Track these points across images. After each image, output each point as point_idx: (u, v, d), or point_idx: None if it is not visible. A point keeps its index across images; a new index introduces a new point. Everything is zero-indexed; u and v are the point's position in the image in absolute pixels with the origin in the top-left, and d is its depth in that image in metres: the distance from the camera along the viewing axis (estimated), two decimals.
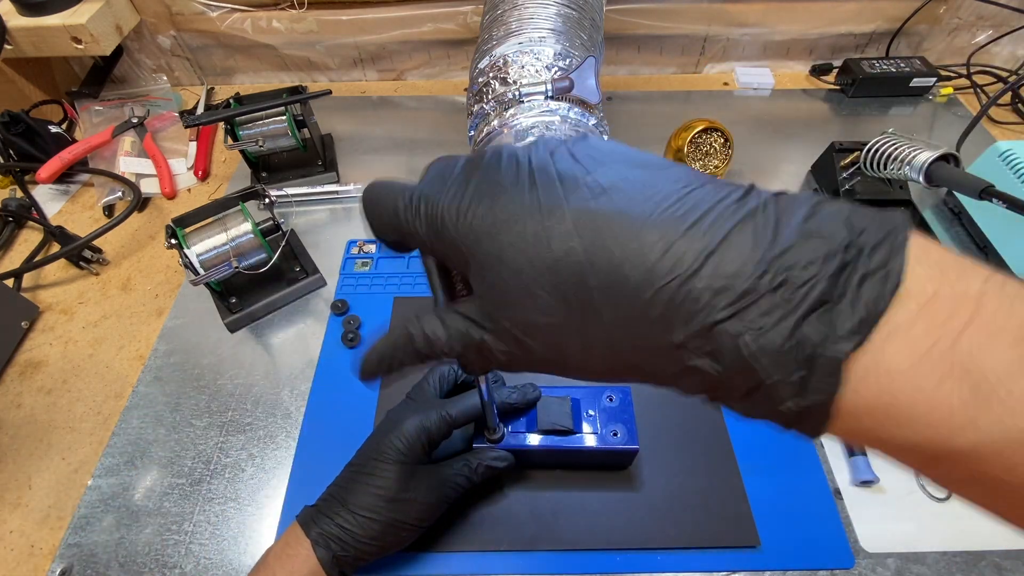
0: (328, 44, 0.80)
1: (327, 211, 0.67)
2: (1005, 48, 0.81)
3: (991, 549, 0.41)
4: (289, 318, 0.57)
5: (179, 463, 0.47)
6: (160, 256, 0.63)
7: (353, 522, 0.36)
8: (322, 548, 0.35)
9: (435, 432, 0.39)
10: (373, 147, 0.75)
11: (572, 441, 0.40)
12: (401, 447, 0.38)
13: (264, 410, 0.50)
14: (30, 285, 0.61)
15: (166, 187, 0.69)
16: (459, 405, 0.40)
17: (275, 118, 0.63)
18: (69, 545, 0.43)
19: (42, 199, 0.70)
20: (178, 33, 0.79)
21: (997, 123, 0.76)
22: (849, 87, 0.79)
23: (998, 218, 0.58)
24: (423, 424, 0.39)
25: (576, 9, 0.53)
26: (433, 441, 0.39)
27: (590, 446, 0.40)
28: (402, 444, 0.38)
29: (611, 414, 0.41)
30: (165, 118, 0.77)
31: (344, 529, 0.36)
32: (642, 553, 0.41)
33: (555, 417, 0.41)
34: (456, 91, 0.84)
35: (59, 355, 0.55)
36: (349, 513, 0.36)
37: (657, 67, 0.85)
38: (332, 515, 0.37)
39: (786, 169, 0.70)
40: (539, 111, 0.46)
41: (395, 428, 0.39)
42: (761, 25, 0.79)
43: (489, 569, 0.41)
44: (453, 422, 0.39)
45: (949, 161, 0.55)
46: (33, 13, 0.68)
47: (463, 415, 0.40)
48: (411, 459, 0.38)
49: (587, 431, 0.41)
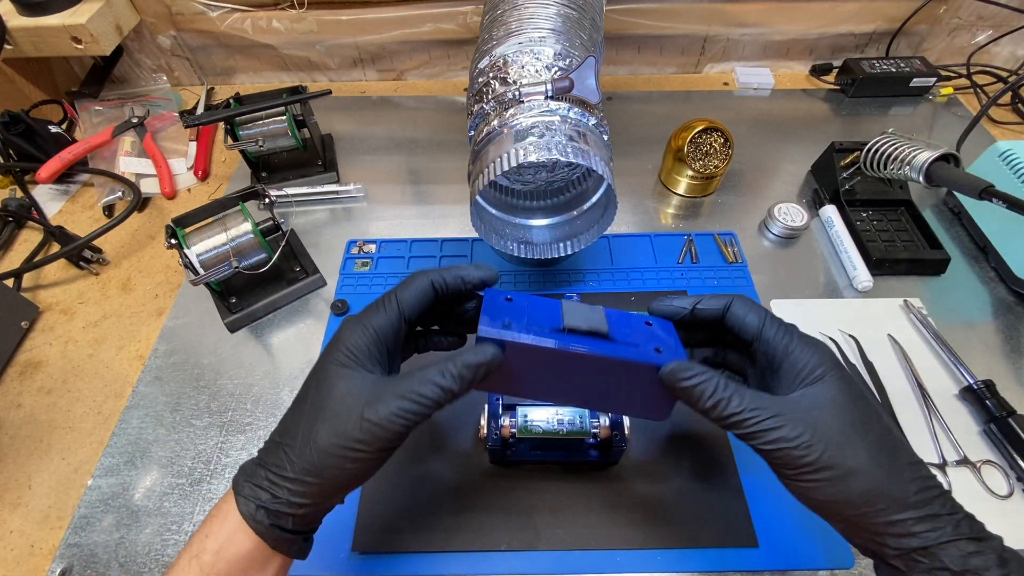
0: (328, 44, 0.80)
1: (327, 211, 0.67)
2: (1005, 48, 0.81)
3: None
4: (289, 318, 0.57)
5: (179, 463, 0.47)
6: (160, 256, 0.63)
7: (282, 458, 0.28)
8: (245, 499, 0.28)
9: (383, 325, 0.31)
10: (373, 147, 0.75)
11: (608, 348, 0.31)
12: (341, 356, 0.30)
13: (264, 410, 0.50)
14: (30, 285, 0.61)
15: (166, 187, 0.69)
16: (408, 286, 0.32)
17: (275, 118, 0.63)
18: (69, 545, 0.43)
19: (42, 199, 0.70)
20: (178, 33, 0.79)
21: (997, 123, 0.77)
22: (849, 87, 0.79)
23: (998, 218, 0.58)
24: (364, 322, 0.31)
25: (576, 9, 0.53)
26: (386, 338, 0.31)
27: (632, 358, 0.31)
28: (343, 352, 0.30)
29: (650, 335, 0.33)
30: (165, 118, 0.77)
31: (272, 470, 0.28)
32: (641, 553, 0.41)
33: (586, 318, 0.32)
34: (456, 91, 0.84)
35: (59, 355, 0.55)
36: (278, 448, 0.29)
37: (657, 67, 0.85)
38: (264, 456, 0.30)
39: (786, 169, 0.70)
40: (539, 111, 0.46)
41: (336, 339, 0.31)
42: (761, 25, 0.79)
43: (489, 569, 0.41)
44: (401, 307, 0.32)
45: (949, 161, 0.55)
46: (33, 13, 0.68)
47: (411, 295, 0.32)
48: (359, 366, 0.30)
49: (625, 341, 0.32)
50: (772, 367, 0.32)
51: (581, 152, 0.42)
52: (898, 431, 0.31)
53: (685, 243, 0.61)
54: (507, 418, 0.42)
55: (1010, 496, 0.43)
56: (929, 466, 0.45)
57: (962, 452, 0.46)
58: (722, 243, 0.61)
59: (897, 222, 0.62)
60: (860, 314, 0.55)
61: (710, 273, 0.58)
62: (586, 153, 0.42)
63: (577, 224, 0.54)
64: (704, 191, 0.66)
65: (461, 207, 0.66)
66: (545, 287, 0.58)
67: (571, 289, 0.57)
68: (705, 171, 0.64)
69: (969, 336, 0.53)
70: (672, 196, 0.67)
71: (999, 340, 0.53)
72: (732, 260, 0.59)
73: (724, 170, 0.64)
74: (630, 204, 0.66)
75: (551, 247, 0.53)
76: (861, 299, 0.57)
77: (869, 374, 0.50)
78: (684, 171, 0.65)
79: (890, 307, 0.56)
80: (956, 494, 0.43)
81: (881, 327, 0.54)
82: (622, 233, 0.63)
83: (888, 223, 0.61)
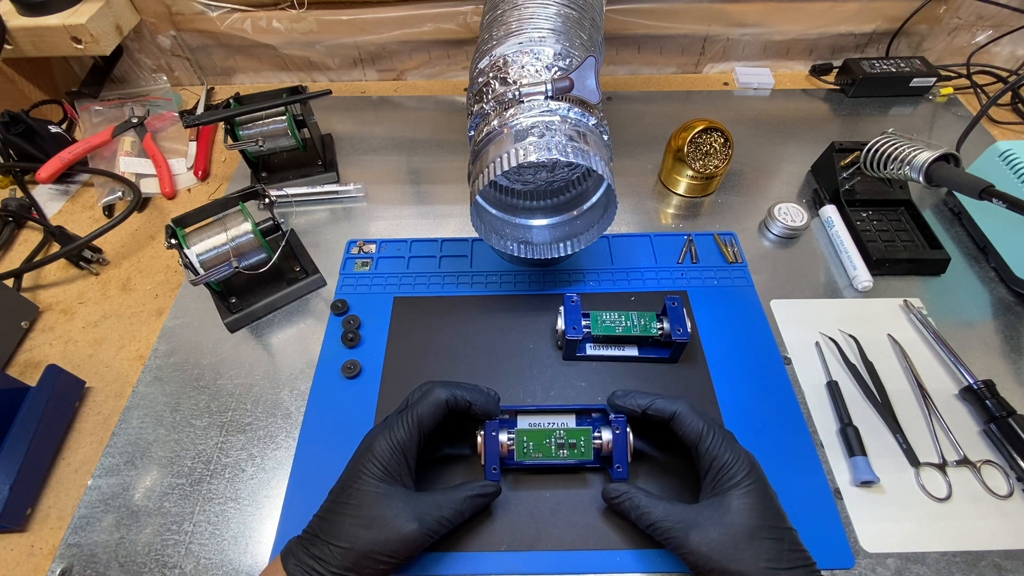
0: (328, 44, 0.80)
1: (327, 211, 0.67)
2: (1005, 48, 0.81)
3: (991, 549, 0.41)
4: (289, 318, 0.57)
5: (179, 463, 0.47)
6: (160, 256, 0.63)
7: (328, 552, 0.35)
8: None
9: (406, 441, 0.38)
10: (373, 147, 0.75)
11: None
12: (375, 469, 0.37)
13: (264, 410, 0.50)
14: (30, 285, 0.61)
15: (166, 187, 0.69)
16: (425, 403, 0.40)
17: (275, 118, 0.63)
18: (69, 545, 0.43)
19: (42, 199, 0.70)
20: (178, 33, 0.79)
21: (997, 123, 0.77)
22: (849, 87, 0.79)
23: (998, 218, 0.58)
24: (391, 438, 0.38)
25: (576, 9, 0.53)
26: (408, 452, 0.38)
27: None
28: (375, 465, 0.37)
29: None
30: (165, 118, 0.77)
31: (319, 560, 0.35)
32: (641, 553, 0.41)
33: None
34: (456, 91, 0.84)
35: (59, 355, 0.55)
36: (324, 543, 0.36)
37: (657, 67, 0.85)
38: (310, 545, 0.36)
39: (786, 169, 0.70)
40: (539, 111, 0.46)
41: (366, 450, 0.38)
42: (761, 25, 0.79)
43: (489, 569, 0.41)
44: (421, 425, 0.39)
45: (949, 161, 0.55)
46: (33, 13, 0.68)
47: (428, 413, 0.39)
48: (390, 479, 0.37)
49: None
50: (704, 469, 0.39)
51: (581, 152, 0.42)
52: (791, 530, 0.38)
53: (685, 243, 0.61)
54: (504, 434, 0.43)
55: (1010, 496, 0.43)
56: (929, 466, 0.45)
57: (962, 452, 0.46)
58: (722, 243, 0.61)
59: (897, 222, 0.62)
60: (860, 314, 0.55)
61: (710, 273, 0.58)
62: (586, 153, 0.42)
63: (577, 224, 0.54)
64: (704, 191, 0.67)
65: (461, 207, 0.66)
66: (545, 287, 0.58)
67: (571, 289, 0.57)
68: (705, 171, 0.64)
69: (969, 336, 0.53)
70: (672, 196, 0.67)
71: (999, 340, 0.53)
72: (732, 260, 0.59)
73: (724, 170, 0.64)
74: (630, 204, 0.66)
75: (551, 247, 0.53)
76: (861, 299, 0.57)
77: (869, 374, 0.50)
78: (684, 171, 0.65)
79: (890, 307, 0.56)
80: (956, 494, 0.43)
81: (881, 327, 0.54)
82: (622, 233, 0.63)
83: (888, 223, 0.61)
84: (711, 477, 0.38)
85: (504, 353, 0.52)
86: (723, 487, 0.37)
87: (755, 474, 0.38)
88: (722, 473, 0.38)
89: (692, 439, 0.40)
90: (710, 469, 0.39)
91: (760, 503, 0.36)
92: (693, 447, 0.40)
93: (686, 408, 0.41)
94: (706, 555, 0.35)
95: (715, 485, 0.38)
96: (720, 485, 0.38)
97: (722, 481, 0.38)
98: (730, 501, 0.37)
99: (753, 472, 0.38)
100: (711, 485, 0.38)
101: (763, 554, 0.35)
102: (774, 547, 0.35)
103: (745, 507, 0.36)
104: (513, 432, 0.43)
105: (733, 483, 0.37)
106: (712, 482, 0.38)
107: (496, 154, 0.43)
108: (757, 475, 0.38)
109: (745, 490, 0.37)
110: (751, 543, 0.35)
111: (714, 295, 0.56)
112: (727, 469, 0.38)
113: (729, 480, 0.37)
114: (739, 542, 0.35)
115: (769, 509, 0.37)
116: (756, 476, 0.38)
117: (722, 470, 0.38)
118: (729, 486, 0.37)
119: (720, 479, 0.38)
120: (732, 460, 0.38)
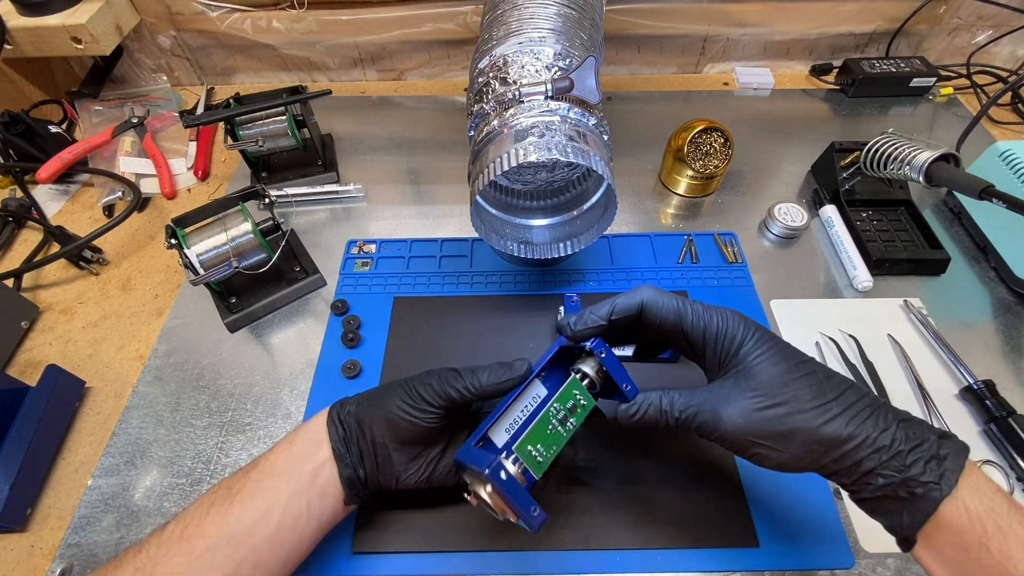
0: (328, 44, 0.80)
1: (327, 211, 0.67)
2: (1005, 48, 0.81)
3: None
4: (289, 318, 0.57)
5: (179, 463, 0.47)
6: (160, 256, 0.63)
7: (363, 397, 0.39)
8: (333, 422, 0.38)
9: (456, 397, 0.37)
10: (373, 147, 0.75)
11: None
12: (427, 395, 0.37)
13: (264, 410, 0.50)
14: (30, 285, 0.61)
15: (166, 187, 0.69)
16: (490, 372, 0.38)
17: (275, 118, 0.63)
18: (69, 545, 0.43)
19: (42, 199, 0.70)
20: (178, 33, 0.79)
21: (997, 123, 0.77)
22: (849, 87, 0.79)
23: (998, 218, 0.58)
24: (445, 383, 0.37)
25: (576, 9, 0.53)
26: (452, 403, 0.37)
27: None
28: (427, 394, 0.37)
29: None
30: (165, 118, 0.77)
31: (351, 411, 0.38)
32: (641, 553, 0.41)
33: None
34: (456, 91, 0.84)
35: (59, 355, 0.55)
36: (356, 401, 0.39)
37: (657, 67, 0.85)
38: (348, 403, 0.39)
39: (786, 169, 0.70)
40: (539, 111, 0.46)
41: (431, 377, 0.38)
42: (761, 25, 0.79)
43: (489, 569, 0.41)
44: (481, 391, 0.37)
45: (949, 161, 0.55)
46: (33, 13, 0.68)
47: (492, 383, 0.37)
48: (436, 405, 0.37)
49: None
50: (699, 348, 0.35)
51: (581, 152, 0.42)
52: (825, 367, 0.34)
53: (685, 243, 0.61)
54: (509, 464, 0.39)
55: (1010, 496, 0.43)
56: None
57: None
58: (722, 243, 0.61)
59: (897, 222, 0.62)
60: (860, 314, 0.55)
61: (710, 273, 0.58)
62: (586, 153, 0.42)
63: (577, 224, 0.54)
64: (704, 191, 0.67)
65: (461, 207, 0.66)
66: (545, 287, 0.58)
67: (571, 289, 0.57)
68: (705, 171, 0.64)
69: (969, 336, 0.53)
70: (672, 196, 0.67)
71: (999, 340, 0.53)
72: (732, 260, 0.59)
73: (724, 170, 0.64)
74: (630, 204, 0.66)
75: (551, 247, 0.53)
76: (861, 299, 0.57)
77: (869, 374, 0.50)
78: (684, 171, 0.65)
79: (890, 307, 0.56)
80: None
81: (881, 327, 0.54)
82: (622, 233, 0.63)
83: (888, 223, 0.61)
84: (710, 352, 0.35)
85: (504, 353, 0.52)
86: (728, 354, 0.34)
87: (750, 326, 0.34)
88: (719, 341, 0.34)
89: (672, 321, 0.35)
90: (705, 344, 0.35)
91: (772, 350, 0.33)
92: (676, 330, 0.36)
93: (651, 292, 0.36)
94: (743, 427, 0.31)
95: (718, 356, 0.34)
96: (724, 354, 0.34)
97: (724, 349, 0.34)
98: (743, 363, 0.33)
99: (747, 325, 0.34)
100: (715, 359, 0.35)
101: (803, 396, 0.31)
102: (810, 383, 0.32)
103: (761, 361, 0.33)
104: (514, 453, 0.34)
105: (736, 345, 0.34)
106: (714, 356, 0.35)
107: (496, 154, 0.43)
108: (752, 326, 0.34)
109: (751, 345, 0.33)
110: (786, 392, 0.31)
111: (714, 295, 0.56)
112: (722, 334, 0.34)
113: (731, 344, 0.34)
114: (775, 397, 0.31)
115: (781, 350, 0.33)
116: (752, 327, 0.34)
117: (717, 338, 0.34)
118: (733, 350, 0.34)
119: (720, 348, 0.34)
120: (722, 324, 0.34)
